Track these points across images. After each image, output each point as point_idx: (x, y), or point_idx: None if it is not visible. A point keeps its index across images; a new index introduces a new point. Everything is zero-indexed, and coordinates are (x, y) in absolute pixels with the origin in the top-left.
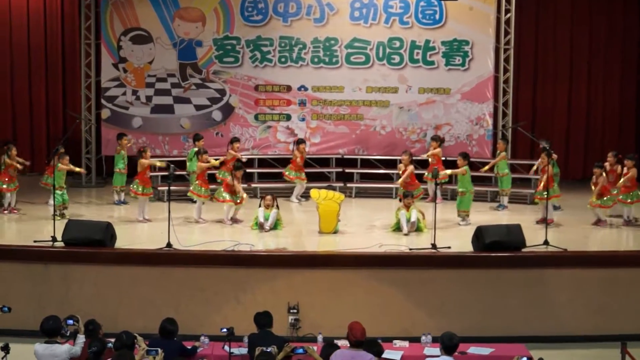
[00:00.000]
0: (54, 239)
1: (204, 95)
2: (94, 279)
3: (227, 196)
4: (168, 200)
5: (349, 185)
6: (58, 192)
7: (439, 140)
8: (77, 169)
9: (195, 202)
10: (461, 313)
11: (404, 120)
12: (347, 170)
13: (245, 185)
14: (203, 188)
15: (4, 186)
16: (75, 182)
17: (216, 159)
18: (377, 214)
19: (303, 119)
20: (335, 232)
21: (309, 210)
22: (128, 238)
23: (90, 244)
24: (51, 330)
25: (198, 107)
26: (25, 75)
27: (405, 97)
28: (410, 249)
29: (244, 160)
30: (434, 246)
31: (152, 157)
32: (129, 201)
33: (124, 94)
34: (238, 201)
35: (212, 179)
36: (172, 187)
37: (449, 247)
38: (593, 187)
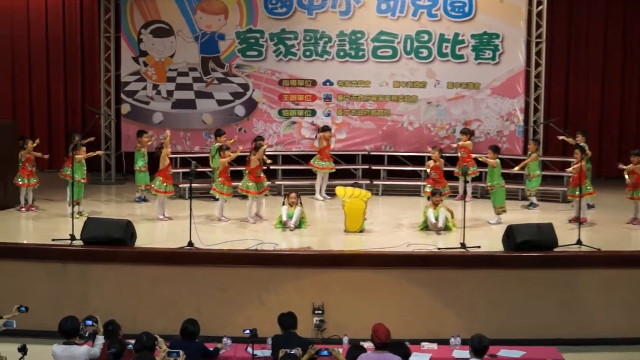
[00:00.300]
0: (72, 238)
1: (227, 89)
2: (113, 279)
3: (252, 186)
4: (189, 198)
5: (375, 182)
6: (77, 183)
7: (468, 133)
8: (95, 153)
9: (217, 199)
10: (491, 314)
11: (432, 115)
12: (373, 167)
13: (269, 183)
14: (225, 185)
15: (25, 181)
16: (94, 178)
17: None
18: (404, 212)
19: (328, 115)
20: (361, 231)
21: (334, 208)
22: (148, 236)
23: (110, 243)
24: (69, 331)
25: (220, 102)
26: (44, 69)
27: (434, 92)
28: (439, 249)
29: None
30: (463, 245)
31: (172, 153)
32: (149, 199)
33: (145, 88)
34: (261, 190)
35: (234, 175)
36: (193, 184)
37: (479, 247)
38: (627, 177)
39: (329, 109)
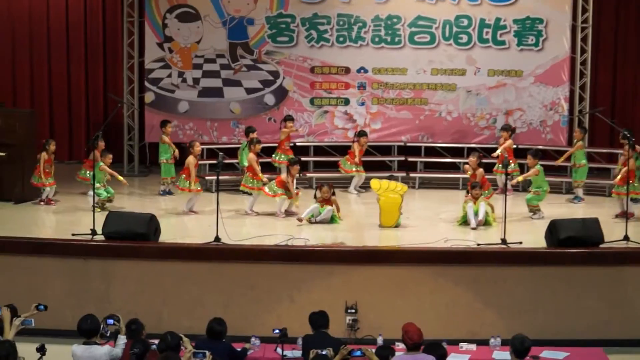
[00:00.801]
0: (93, 232)
1: (256, 77)
2: (136, 276)
3: (279, 191)
4: (216, 191)
5: (412, 175)
6: (100, 189)
7: (509, 129)
8: (119, 178)
9: (251, 194)
10: (533, 314)
11: (472, 105)
12: (409, 159)
13: (299, 175)
14: (255, 180)
15: (40, 181)
16: (116, 170)
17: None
18: (442, 206)
19: (362, 104)
20: (397, 226)
21: (368, 202)
22: (173, 231)
23: (133, 238)
24: (90, 331)
25: (249, 91)
26: (64, 55)
27: (474, 80)
28: (479, 244)
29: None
30: (504, 241)
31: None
32: (174, 192)
33: (169, 76)
34: (290, 196)
35: (266, 168)
36: (220, 177)
37: (520, 243)
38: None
39: (363, 98)
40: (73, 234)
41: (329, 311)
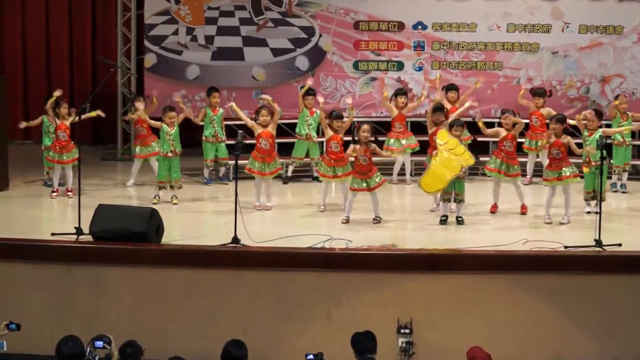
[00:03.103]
0: (78, 231)
1: (285, 35)
2: (133, 286)
3: (327, 169)
4: (235, 179)
5: (482, 158)
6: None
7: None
8: (93, 114)
9: (320, 181)
10: (634, 334)
11: (558, 69)
12: (479, 139)
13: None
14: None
15: (55, 156)
16: (109, 153)
17: None
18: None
19: (420, 68)
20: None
21: (424, 193)
22: (180, 230)
23: (129, 238)
24: (71, 356)
25: (276, 52)
26: (41, 6)
27: (561, 38)
28: (566, 247)
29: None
30: (598, 243)
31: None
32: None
33: (176, 33)
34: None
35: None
36: (240, 162)
37: (619, 245)
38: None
39: (420, 61)
40: (53, 234)
41: (376, 331)
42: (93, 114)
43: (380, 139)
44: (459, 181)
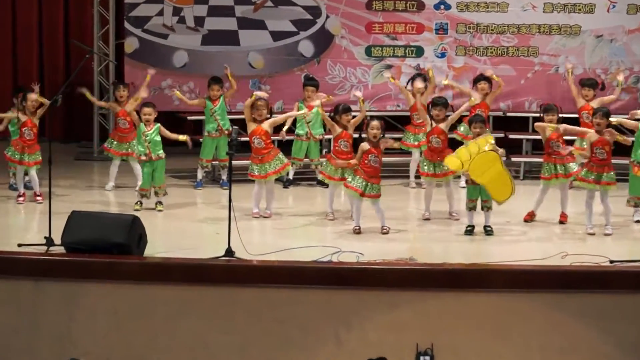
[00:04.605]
0: (49, 242)
1: (286, 16)
2: (111, 305)
3: (332, 170)
4: (229, 182)
5: (514, 159)
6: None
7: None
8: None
9: (326, 185)
10: None
11: (603, 56)
12: (511, 136)
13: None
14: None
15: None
16: (84, 152)
17: None
18: (559, 204)
19: (443, 55)
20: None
21: (443, 198)
22: (165, 241)
23: (107, 250)
24: None
25: (277, 36)
26: None
27: (606, 19)
28: (612, 262)
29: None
30: None
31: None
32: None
33: (160, 13)
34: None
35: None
36: (234, 162)
37: None
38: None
39: (443, 46)
40: (19, 244)
41: (391, 358)
42: (182, 138)
43: (396, 136)
44: (484, 187)
